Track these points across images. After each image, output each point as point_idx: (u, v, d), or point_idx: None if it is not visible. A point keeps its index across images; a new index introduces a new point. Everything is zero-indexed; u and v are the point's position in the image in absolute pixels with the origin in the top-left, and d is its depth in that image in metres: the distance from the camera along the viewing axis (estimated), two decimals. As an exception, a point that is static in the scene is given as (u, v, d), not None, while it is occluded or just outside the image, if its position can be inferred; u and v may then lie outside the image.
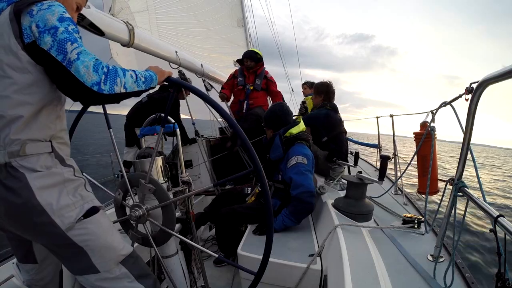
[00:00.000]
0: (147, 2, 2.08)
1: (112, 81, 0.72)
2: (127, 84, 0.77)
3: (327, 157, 2.36)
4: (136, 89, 0.81)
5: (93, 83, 0.68)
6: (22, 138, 0.73)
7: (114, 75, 0.73)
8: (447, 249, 1.18)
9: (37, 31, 0.69)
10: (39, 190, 0.74)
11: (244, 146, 0.86)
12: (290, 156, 1.69)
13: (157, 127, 1.40)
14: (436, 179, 1.37)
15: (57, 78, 0.73)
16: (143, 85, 0.84)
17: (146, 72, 0.87)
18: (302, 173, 1.60)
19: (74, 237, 0.79)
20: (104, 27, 1.26)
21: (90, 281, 0.86)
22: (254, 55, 3.06)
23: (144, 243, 1.11)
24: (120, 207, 1.14)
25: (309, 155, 1.71)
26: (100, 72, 0.70)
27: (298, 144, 1.75)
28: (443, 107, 1.18)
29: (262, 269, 0.93)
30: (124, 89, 0.76)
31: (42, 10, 0.70)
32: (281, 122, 1.83)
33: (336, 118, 2.47)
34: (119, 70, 0.76)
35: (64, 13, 0.73)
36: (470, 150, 0.93)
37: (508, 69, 0.67)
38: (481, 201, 0.82)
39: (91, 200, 0.87)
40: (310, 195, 1.56)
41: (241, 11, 4.26)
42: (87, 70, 0.67)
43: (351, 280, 0.89)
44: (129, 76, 0.78)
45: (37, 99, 0.74)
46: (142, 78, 0.83)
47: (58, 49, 0.68)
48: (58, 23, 0.70)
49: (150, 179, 1.03)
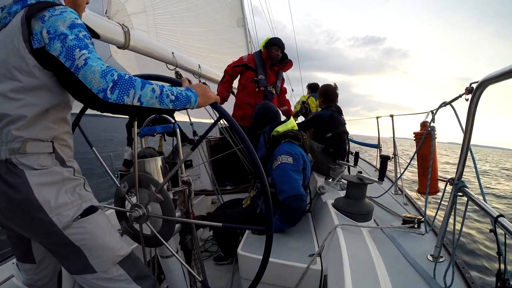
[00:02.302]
0: (145, 3, 2.07)
1: (122, 90, 0.68)
2: (143, 98, 0.70)
3: (329, 153, 2.40)
4: (158, 106, 0.73)
5: (99, 90, 0.66)
6: (24, 136, 0.74)
7: (127, 85, 0.69)
8: (447, 249, 1.18)
9: (47, 37, 0.70)
10: (38, 187, 0.75)
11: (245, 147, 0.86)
12: (275, 156, 1.59)
13: (157, 127, 1.41)
14: (436, 179, 1.37)
15: (67, 83, 0.74)
16: (171, 104, 0.75)
17: (183, 91, 0.79)
18: (286, 175, 1.50)
19: (71, 236, 0.79)
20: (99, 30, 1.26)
21: (87, 280, 0.86)
22: (283, 45, 2.32)
23: (135, 239, 1.12)
24: (120, 199, 1.14)
25: (296, 153, 1.57)
26: (108, 79, 0.67)
27: (285, 143, 1.63)
28: (443, 107, 1.18)
29: (262, 269, 0.93)
30: (139, 103, 0.70)
31: (54, 16, 0.71)
32: (265, 121, 1.76)
33: (340, 119, 2.55)
34: (138, 81, 0.71)
35: (76, 19, 0.74)
36: (470, 150, 0.93)
37: (508, 69, 0.67)
38: (481, 201, 0.82)
39: (90, 199, 0.87)
40: (295, 199, 1.46)
41: (241, 11, 4.26)
42: (94, 76, 0.66)
43: (351, 280, 0.89)
44: (149, 90, 0.71)
45: (42, 101, 0.75)
46: (171, 96, 0.75)
47: (66, 55, 0.68)
48: (68, 29, 0.70)
49: (162, 190, 1.03)
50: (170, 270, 1.25)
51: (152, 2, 2.18)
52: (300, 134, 1.71)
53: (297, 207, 1.48)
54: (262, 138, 1.70)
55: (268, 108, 1.83)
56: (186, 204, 1.23)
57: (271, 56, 2.34)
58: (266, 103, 1.89)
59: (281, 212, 1.51)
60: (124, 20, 1.69)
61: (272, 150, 1.66)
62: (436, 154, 1.35)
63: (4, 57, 0.73)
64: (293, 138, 1.66)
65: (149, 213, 1.03)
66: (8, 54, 0.72)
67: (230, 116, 0.91)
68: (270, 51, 2.35)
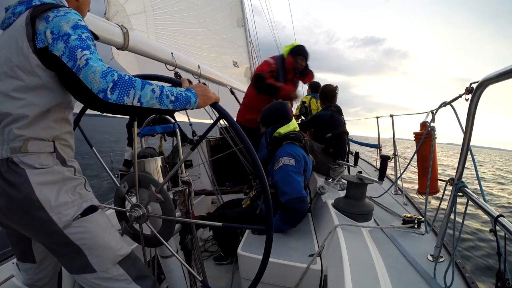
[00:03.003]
0: (144, 4, 2.07)
1: (122, 91, 0.68)
2: (143, 98, 0.71)
3: (328, 153, 2.41)
4: (158, 106, 0.74)
5: (99, 90, 0.67)
6: (26, 136, 0.75)
7: (127, 85, 0.69)
8: (447, 249, 1.18)
9: (51, 38, 0.70)
10: (38, 186, 0.75)
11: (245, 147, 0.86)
12: (277, 157, 1.58)
13: (158, 127, 1.41)
14: (436, 179, 1.37)
15: (68, 83, 0.74)
16: (170, 105, 0.76)
17: (183, 91, 0.80)
18: (288, 176, 1.49)
19: (71, 235, 0.79)
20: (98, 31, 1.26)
21: (87, 280, 0.86)
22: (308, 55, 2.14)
23: (135, 239, 1.12)
24: (120, 199, 1.14)
25: (298, 155, 1.57)
26: (109, 79, 0.67)
27: (286, 145, 1.63)
28: (443, 107, 1.18)
29: (262, 269, 0.93)
30: (139, 103, 0.71)
31: (58, 17, 0.72)
32: (275, 120, 1.72)
33: (340, 119, 2.56)
34: (138, 82, 0.71)
35: (80, 20, 0.74)
36: (470, 150, 0.93)
37: (508, 68, 0.67)
38: (481, 201, 0.82)
39: (90, 199, 0.87)
40: (298, 201, 1.46)
41: (241, 11, 4.26)
42: (94, 76, 0.67)
43: (351, 280, 0.89)
44: (149, 91, 0.72)
45: (44, 101, 0.76)
46: (171, 96, 0.76)
47: (69, 56, 0.69)
48: (71, 30, 0.71)
49: (162, 190, 1.03)
50: (170, 270, 1.25)
51: (152, 2, 2.17)
52: (302, 136, 1.70)
53: (299, 209, 1.48)
54: (263, 139, 1.69)
55: (283, 109, 1.76)
56: (186, 204, 1.23)
57: (296, 66, 2.18)
58: (284, 104, 1.83)
59: (282, 214, 1.51)
60: (123, 21, 1.69)
61: (273, 151, 1.65)
62: (436, 154, 1.35)
63: (8, 56, 0.74)
64: (295, 139, 1.66)
65: (149, 213, 1.04)
66: (12, 53, 0.73)
67: (230, 116, 0.90)
68: (296, 60, 2.20)
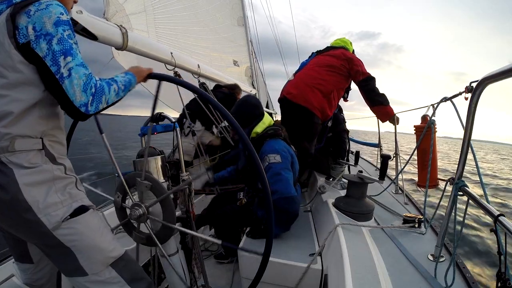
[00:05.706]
0: (145, 3, 2.05)
1: (98, 100, 0.75)
2: (110, 99, 0.80)
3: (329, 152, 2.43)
4: (116, 100, 0.83)
5: (81, 104, 0.71)
6: (12, 133, 0.72)
7: (100, 94, 0.75)
8: (447, 248, 1.18)
9: (33, 34, 0.69)
10: (26, 187, 0.73)
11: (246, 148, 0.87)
12: (262, 156, 1.48)
13: (158, 127, 1.40)
14: (436, 172, 1.37)
15: (49, 84, 0.74)
16: (123, 93, 0.85)
17: (126, 77, 0.88)
18: (276, 175, 1.41)
19: (60, 236, 0.77)
20: (96, 32, 1.25)
21: (80, 283, 0.84)
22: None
23: (149, 243, 1.11)
24: (120, 209, 1.14)
25: (283, 149, 1.50)
26: (89, 93, 0.72)
27: (268, 141, 1.54)
28: (443, 102, 1.19)
29: (263, 268, 0.93)
30: (106, 104, 0.79)
31: (39, 11, 0.70)
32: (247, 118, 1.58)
33: (339, 117, 2.59)
34: (105, 86, 0.77)
35: (62, 15, 0.73)
36: (471, 149, 0.92)
37: (508, 67, 0.67)
38: (482, 200, 0.82)
39: (81, 199, 0.84)
40: (286, 201, 1.38)
41: (242, 10, 4.25)
42: (77, 89, 0.70)
43: (352, 279, 0.89)
44: (113, 91, 0.80)
45: (29, 97, 0.74)
46: (121, 86, 0.84)
47: (52, 60, 0.70)
48: (54, 28, 0.70)
49: (146, 176, 1.02)
50: (170, 270, 1.25)
51: (152, 1, 2.17)
52: (279, 129, 1.63)
53: (289, 209, 1.42)
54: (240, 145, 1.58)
55: (251, 103, 1.64)
56: (187, 203, 1.23)
57: None
58: (248, 98, 1.72)
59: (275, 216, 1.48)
60: (123, 21, 1.68)
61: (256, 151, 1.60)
62: (436, 147, 1.35)
63: None
64: (275, 135, 1.58)
65: (147, 206, 1.03)
66: None
67: (169, 75, 0.99)
68: None
